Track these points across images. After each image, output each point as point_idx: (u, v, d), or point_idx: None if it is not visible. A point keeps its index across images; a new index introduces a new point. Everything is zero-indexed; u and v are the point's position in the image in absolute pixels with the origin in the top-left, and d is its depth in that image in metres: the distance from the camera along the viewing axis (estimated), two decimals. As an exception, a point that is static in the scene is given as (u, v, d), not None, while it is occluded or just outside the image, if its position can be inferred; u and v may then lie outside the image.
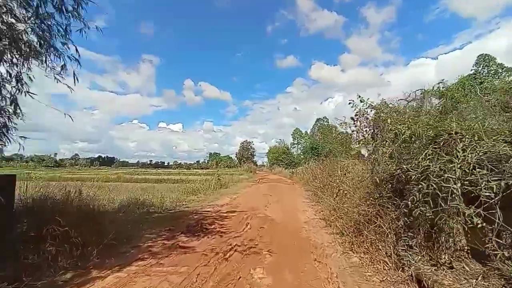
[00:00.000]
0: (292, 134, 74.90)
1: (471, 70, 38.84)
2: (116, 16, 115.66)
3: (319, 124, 72.38)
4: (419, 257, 3.23)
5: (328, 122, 73.06)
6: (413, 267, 3.14)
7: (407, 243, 3.48)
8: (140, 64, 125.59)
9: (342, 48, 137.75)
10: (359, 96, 4.56)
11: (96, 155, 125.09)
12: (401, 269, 3.35)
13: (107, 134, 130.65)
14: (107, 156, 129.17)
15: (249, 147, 69.62)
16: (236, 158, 68.67)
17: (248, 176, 33.15)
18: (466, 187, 2.82)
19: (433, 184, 2.91)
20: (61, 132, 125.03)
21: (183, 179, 25.34)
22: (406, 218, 3.52)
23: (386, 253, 3.71)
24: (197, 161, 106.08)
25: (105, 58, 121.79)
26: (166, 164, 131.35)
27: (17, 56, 3.46)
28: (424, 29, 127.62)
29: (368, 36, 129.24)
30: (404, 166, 3.45)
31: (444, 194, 2.82)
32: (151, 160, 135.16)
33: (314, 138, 70.24)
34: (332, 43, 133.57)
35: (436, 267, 3.03)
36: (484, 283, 2.62)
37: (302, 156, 68.03)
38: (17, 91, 3.60)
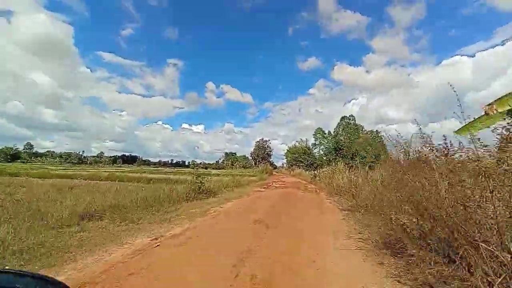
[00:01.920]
0: (313, 134, 67.61)
1: None
2: (143, 23, 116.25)
3: (344, 123, 64.42)
4: None
5: (355, 121, 65.12)
6: None
7: None
8: (165, 67, 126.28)
9: (366, 48, 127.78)
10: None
11: (125, 153, 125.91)
12: None
13: (133, 134, 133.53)
14: (130, 154, 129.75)
15: (265, 146, 62.97)
16: (251, 158, 62.76)
17: (260, 178, 27.01)
18: None
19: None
20: (93, 132, 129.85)
21: (175, 180, 19.80)
22: None
23: None
24: (216, 161, 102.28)
25: (133, 63, 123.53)
26: (186, 163, 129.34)
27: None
28: (458, 24, 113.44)
29: (394, 35, 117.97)
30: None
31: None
32: (172, 160, 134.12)
33: (338, 138, 62.30)
34: (356, 44, 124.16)
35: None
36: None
37: (324, 158, 60.72)
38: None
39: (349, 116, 65.96)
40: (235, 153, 74.04)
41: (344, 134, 62.09)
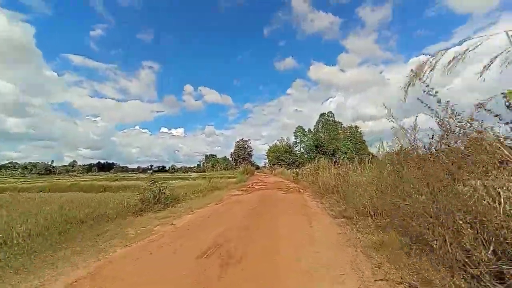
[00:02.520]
0: (294, 133, 66.82)
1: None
2: (115, 24, 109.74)
3: (323, 120, 64.12)
4: None
5: (333, 117, 65.04)
6: None
7: None
8: (140, 70, 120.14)
9: (340, 48, 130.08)
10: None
11: (101, 161, 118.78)
12: None
13: (110, 141, 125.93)
14: (106, 161, 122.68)
15: (246, 146, 60.69)
16: (231, 159, 60.18)
17: (240, 180, 24.97)
18: None
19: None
20: (65, 140, 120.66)
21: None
22: None
23: None
24: (198, 164, 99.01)
25: (105, 65, 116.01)
26: (167, 168, 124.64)
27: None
28: (422, 25, 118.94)
29: (365, 35, 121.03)
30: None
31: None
32: (152, 165, 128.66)
33: (318, 135, 61.76)
34: (330, 44, 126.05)
35: None
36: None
37: (305, 156, 59.92)
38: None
39: (328, 113, 65.72)
40: (215, 155, 71.24)
41: (324, 131, 61.72)
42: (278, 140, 63.63)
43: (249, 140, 62.45)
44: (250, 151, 60.54)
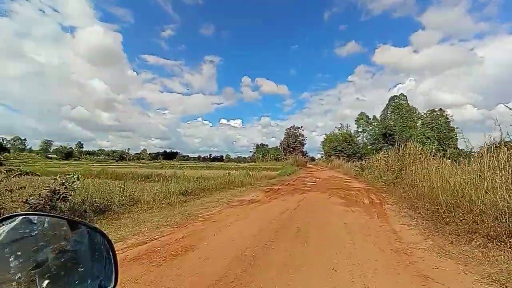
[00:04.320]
0: (356, 121, 56.77)
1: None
2: (181, 23, 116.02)
3: (393, 105, 52.57)
4: None
5: (407, 101, 52.76)
6: None
7: None
8: (202, 65, 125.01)
9: (414, 25, 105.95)
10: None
11: (167, 150, 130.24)
12: None
13: (176, 132, 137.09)
14: (171, 150, 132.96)
15: (297, 134, 52.68)
16: (281, 149, 54.05)
17: (284, 173, 19.55)
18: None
19: None
20: (140, 131, 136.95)
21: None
22: None
23: None
24: (252, 155, 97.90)
25: (172, 62, 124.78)
26: (224, 157, 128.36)
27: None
28: None
29: (451, 4, 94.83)
30: None
31: None
32: (210, 155, 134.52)
33: (387, 122, 50.77)
34: (402, 22, 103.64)
35: None
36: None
37: (369, 146, 50.08)
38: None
39: (400, 95, 53.60)
40: (266, 145, 66.45)
41: (394, 117, 50.44)
42: (336, 127, 54.97)
43: (301, 127, 54.99)
44: (302, 139, 52.61)
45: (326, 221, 4.53)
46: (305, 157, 43.53)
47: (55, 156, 74.31)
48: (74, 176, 4.19)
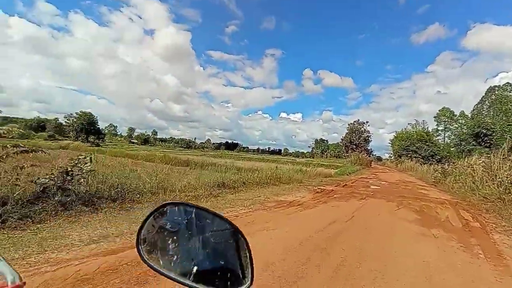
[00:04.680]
0: (435, 117, 47.74)
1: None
2: (244, 18, 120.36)
3: (493, 98, 42.31)
4: None
5: (515, 91, 41.79)
6: None
7: None
8: (263, 58, 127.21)
9: None
10: None
11: (229, 141, 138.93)
12: None
13: (238, 124, 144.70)
14: (232, 141, 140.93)
15: (361, 129, 46.42)
16: (342, 145, 48.92)
17: (343, 172, 17.35)
18: None
19: None
20: (206, 122, 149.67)
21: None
22: None
23: None
24: (311, 150, 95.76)
25: (235, 57, 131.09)
26: (282, 151, 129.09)
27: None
28: None
29: None
30: None
31: None
32: (269, 148, 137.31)
33: (480, 119, 41.05)
34: None
35: None
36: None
37: (453, 148, 41.36)
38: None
39: (504, 85, 42.63)
40: (326, 141, 61.82)
41: (494, 112, 40.45)
42: (410, 124, 47.13)
43: (366, 122, 49.30)
44: (368, 136, 46.61)
45: (390, 252, 3.00)
46: (369, 156, 38.71)
47: (136, 141, 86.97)
48: (87, 158, 3.83)
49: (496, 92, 41.07)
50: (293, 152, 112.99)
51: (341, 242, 3.19)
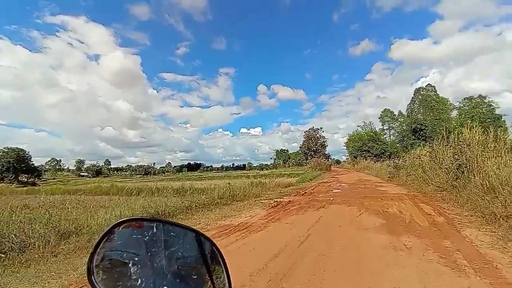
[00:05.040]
0: (380, 118, 52.13)
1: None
2: (194, 39, 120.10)
3: (420, 97, 47.71)
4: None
5: (435, 91, 47.82)
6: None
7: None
8: (217, 77, 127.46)
9: (431, 16, 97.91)
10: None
11: (191, 162, 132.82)
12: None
13: (198, 144, 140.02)
14: (195, 162, 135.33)
15: (317, 136, 47.57)
16: (301, 153, 49.87)
17: (303, 179, 16.92)
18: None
19: None
20: (165, 145, 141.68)
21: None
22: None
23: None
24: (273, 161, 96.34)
25: (189, 78, 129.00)
26: (245, 166, 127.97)
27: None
28: None
29: None
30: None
31: None
32: (233, 164, 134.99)
33: (415, 116, 45.91)
34: (416, 15, 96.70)
35: None
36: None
37: (398, 144, 45.29)
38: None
39: (427, 86, 48.63)
40: (286, 150, 62.69)
41: (424, 110, 45.51)
42: (359, 126, 50.51)
43: (320, 128, 50.68)
44: (324, 141, 48.23)
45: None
46: (328, 160, 39.92)
47: (86, 174, 77.42)
48: None
49: (422, 93, 46.61)
50: (257, 166, 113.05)
51: (288, 283, 2.15)
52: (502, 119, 34.58)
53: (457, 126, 36.98)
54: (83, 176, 72.58)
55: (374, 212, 5.02)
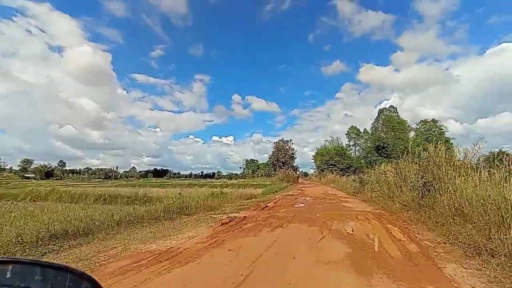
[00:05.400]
0: (347, 134, 54.35)
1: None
2: (171, 43, 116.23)
3: (383, 117, 50.63)
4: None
5: (397, 113, 51.24)
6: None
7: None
8: (192, 83, 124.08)
9: (393, 47, 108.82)
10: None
11: (158, 168, 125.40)
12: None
13: (167, 149, 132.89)
14: (162, 168, 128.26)
15: (286, 147, 47.77)
16: (270, 164, 49.45)
17: (269, 190, 16.07)
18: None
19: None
20: (131, 149, 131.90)
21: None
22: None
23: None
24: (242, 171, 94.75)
25: (163, 81, 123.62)
26: (215, 174, 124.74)
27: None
28: (501, 8, 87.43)
29: (424, 30, 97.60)
30: None
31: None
32: (202, 172, 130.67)
33: (378, 134, 48.53)
34: (381, 44, 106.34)
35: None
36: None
37: (362, 160, 47.24)
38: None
39: (389, 107, 51.93)
40: (256, 160, 62.00)
41: (386, 129, 48.25)
42: (327, 140, 51.86)
43: (290, 140, 50.81)
44: (293, 153, 48.40)
45: None
46: (296, 172, 39.88)
47: (32, 175, 68.34)
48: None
49: (385, 113, 49.64)
50: (226, 175, 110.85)
51: None
52: (450, 142, 37.98)
53: (414, 146, 39.71)
54: (28, 178, 63.92)
55: (338, 235, 4.20)
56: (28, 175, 67.12)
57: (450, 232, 3.83)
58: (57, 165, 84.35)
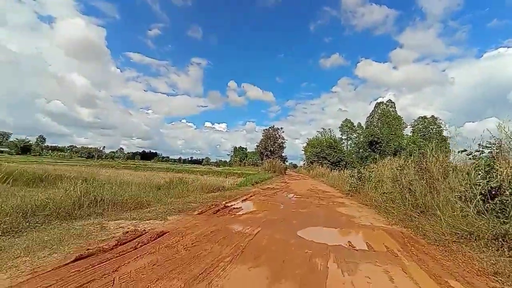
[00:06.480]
0: (340, 127, 51.82)
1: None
2: (169, 23, 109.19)
3: (380, 111, 48.07)
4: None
5: (395, 108, 48.70)
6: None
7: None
8: (189, 66, 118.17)
9: (393, 43, 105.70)
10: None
11: (147, 150, 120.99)
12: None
13: (159, 132, 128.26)
14: (150, 151, 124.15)
15: (276, 135, 43.86)
16: (257, 152, 46.13)
17: (248, 181, 13.14)
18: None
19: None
20: (122, 129, 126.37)
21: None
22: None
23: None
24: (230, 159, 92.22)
25: (158, 62, 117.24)
26: (204, 160, 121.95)
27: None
28: (503, 12, 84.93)
29: (425, 28, 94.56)
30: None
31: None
32: (192, 157, 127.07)
33: (372, 129, 46.01)
34: (382, 39, 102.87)
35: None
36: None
37: (354, 155, 44.95)
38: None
39: (387, 102, 49.33)
40: (245, 148, 58.56)
41: (381, 124, 45.80)
42: (318, 131, 49.05)
43: (281, 128, 46.81)
44: (282, 142, 44.63)
45: None
46: (284, 163, 37.22)
47: (6, 149, 63.23)
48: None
49: (381, 107, 47.13)
50: (214, 162, 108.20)
51: None
52: (447, 141, 36.01)
53: (409, 143, 37.48)
54: (1, 152, 59.06)
55: None
56: (1, 149, 62.04)
57: None
58: (36, 141, 78.91)
